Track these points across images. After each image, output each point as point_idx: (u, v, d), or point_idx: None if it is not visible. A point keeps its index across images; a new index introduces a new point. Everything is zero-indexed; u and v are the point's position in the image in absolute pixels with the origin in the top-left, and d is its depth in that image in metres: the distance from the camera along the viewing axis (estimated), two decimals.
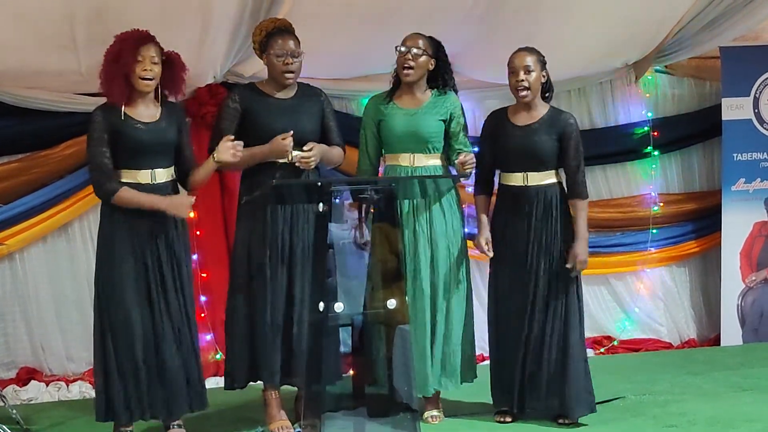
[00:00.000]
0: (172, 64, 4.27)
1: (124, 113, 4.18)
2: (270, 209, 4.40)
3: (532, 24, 5.41)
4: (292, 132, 4.35)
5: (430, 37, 4.59)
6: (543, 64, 4.52)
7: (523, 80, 4.46)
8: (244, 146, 4.38)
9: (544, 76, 4.53)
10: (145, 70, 4.14)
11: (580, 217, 4.56)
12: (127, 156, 4.22)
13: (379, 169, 4.78)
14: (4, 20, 4.77)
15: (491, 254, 4.58)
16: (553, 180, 4.57)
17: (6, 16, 4.75)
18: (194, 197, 4.34)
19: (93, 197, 4.41)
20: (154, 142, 4.23)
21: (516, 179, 4.55)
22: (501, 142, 4.57)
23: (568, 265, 4.48)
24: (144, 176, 4.23)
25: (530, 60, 4.48)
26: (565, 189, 4.63)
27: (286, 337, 4.42)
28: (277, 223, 4.41)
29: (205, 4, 4.90)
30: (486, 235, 4.60)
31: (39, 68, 5.16)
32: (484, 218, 4.64)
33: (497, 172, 4.69)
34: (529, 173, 4.52)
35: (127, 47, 4.14)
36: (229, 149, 4.24)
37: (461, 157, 4.43)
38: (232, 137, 4.28)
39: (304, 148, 4.38)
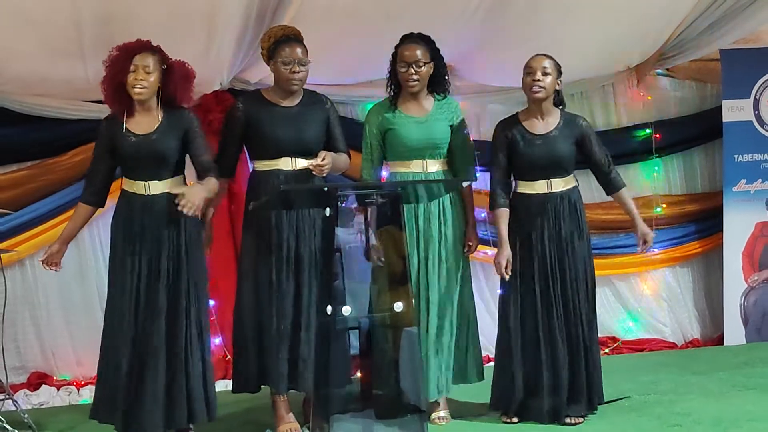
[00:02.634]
0: (175, 73, 4.23)
1: (125, 125, 4.20)
2: (275, 216, 4.38)
3: (534, 27, 5.45)
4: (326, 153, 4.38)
5: (425, 40, 4.58)
6: (559, 71, 4.56)
7: (539, 80, 4.49)
8: (248, 153, 4.41)
9: (558, 83, 4.58)
10: (137, 79, 4.13)
11: (631, 204, 4.71)
12: (125, 166, 4.26)
13: (382, 174, 4.79)
14: (11, 27, 4.79)
15: (508, 277, 4.51)
16: (574, 183, 4.63)
17: (13, 24, 4.78)
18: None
19: None
20: (143, 155, 4.19)
21: (539, 187, 4.56)
22: (520, 152, 4.57)
23: (638, 249, 4.74)
24: (139, 187, 4.23)
25: (548, 63, 4.52)
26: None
27: (293, 342, 4.38)
28: (283, 230, 4.38)
29: (210, 10, 4.92)
30: (508, 255, 4.52)
31: (46, 75, 5.19)
32: (506, 235, 4.56)
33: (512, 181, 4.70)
34: (553, 180, 4.56)
35: (121, 56, 4.15)
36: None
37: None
38: None
39: (318, 156, 4.38)
